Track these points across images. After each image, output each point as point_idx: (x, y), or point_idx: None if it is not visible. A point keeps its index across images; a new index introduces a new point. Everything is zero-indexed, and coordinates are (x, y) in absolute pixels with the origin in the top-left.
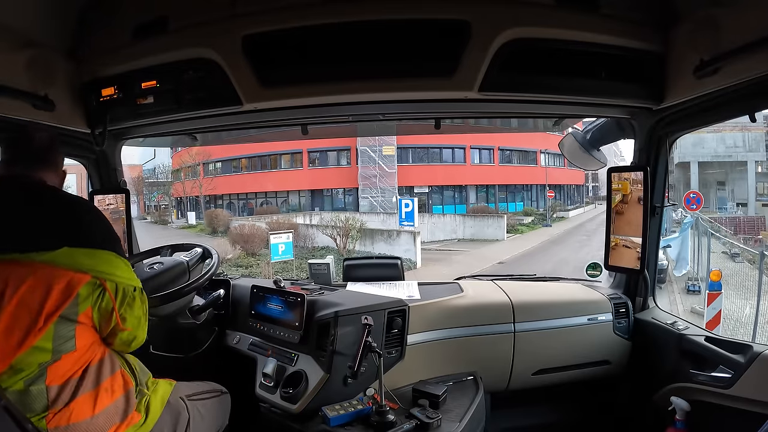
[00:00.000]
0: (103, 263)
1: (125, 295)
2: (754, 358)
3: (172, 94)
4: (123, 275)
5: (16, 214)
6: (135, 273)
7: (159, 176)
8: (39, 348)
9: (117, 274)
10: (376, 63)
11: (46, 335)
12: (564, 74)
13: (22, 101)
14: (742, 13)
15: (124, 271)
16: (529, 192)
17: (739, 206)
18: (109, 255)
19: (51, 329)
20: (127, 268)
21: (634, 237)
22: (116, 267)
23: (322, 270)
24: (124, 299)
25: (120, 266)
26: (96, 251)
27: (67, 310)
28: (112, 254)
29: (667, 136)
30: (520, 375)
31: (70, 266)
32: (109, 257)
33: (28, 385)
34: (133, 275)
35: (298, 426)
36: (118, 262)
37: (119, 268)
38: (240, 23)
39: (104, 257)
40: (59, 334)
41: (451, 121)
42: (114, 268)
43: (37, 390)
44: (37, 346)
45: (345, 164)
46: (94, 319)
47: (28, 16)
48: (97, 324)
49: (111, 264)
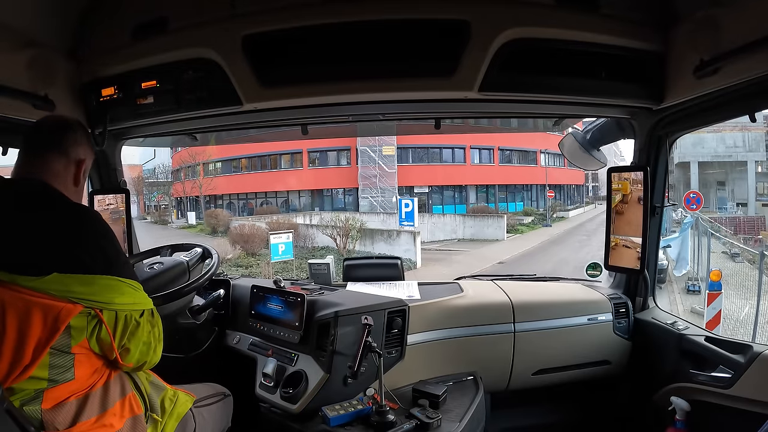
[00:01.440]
0: (101, 290)
1: (127, 323)
2: (754, 358)
3: (172, 94)
4: (125, 301)
5: (3, 222)
6: (143, 290)
7: (159, 176)
8: (34, 377)
9: (117, 302)
10: (376, 63)
11: (40, 366)
12: (564, 74)
13: (22, 101)
14: (742, 13)
15: (128, 296)
16: (529, 192)
17: (739, 206)
18: (109, 280)
19: (45, 360)
20: (132, 291)
21: (634, 237)
22: (117, 293)
23: (322, 270)
24: (125, 329)
25: (123, 291)
26: (94, 277)
27: (59, 343)
28: (114, 279)
29: (667, 136)
30: (520, 375)
31: (61, 295)
32: (109, 283)
33: (22, 405)
34: (141, 297)
35: (298, 426)
36: (121, 286)
37: (121, 293)
38: (240, 23)
39: (103, 283)
40: (55, 364)
41: (451, 121)
42: (114, 295)
43: (31, 410)
44: (32, 376)
45: (345, 164)
46: (93, 349)
47: (29, 15)
48: (99, 352)
49: (111, 290)
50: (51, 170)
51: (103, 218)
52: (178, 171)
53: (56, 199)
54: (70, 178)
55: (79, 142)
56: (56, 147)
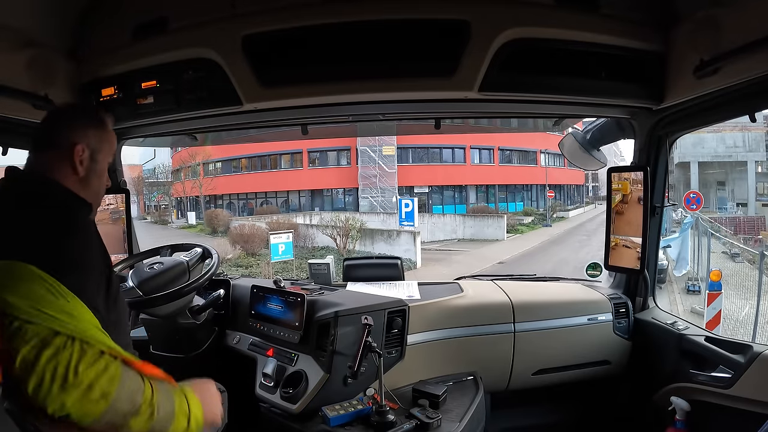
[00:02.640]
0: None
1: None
2: (754, 358)
3: (172, 94)
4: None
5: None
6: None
7: (159, 176)
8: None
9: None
10: (376, 63)
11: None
12: (564, 74)
13: (22, 101)
14: (742, 13)
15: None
16: (529, 192)
17: (739, 206)
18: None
19: None
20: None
21: (634, 237)
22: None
23: (322, 270)
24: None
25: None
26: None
27: None
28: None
29: (667, 136)
30: (520, 375)
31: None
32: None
33: None
34: (85, 319)
35: (298, 426)
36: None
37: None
38: (240, 23)
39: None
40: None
41: (451, 121)
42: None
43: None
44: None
45: (345, 164)
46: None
47: (28, 15)
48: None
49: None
50: (46, 163)
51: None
52: (178, 171)
53: (48, 196)
54: (67, 167)
55: (70, 126)
56: (45, 139)
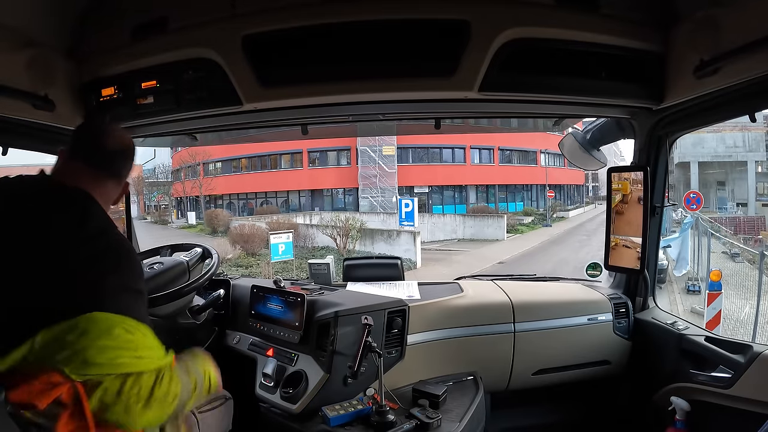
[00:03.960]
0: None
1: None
2: (754, 358)
3: (172, 94)
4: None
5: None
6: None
7: (159, 176)
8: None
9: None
10: (376, 63)
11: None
12: (564, 74)
13: (22, 101)
14: (742, 13)
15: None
16: (529, 192)
17: (739, 206)
18: (121, 325)
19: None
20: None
21: (634, 237)
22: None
23: (322, 270)
24: (130, 396)
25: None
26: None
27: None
28: (126, 322)
29: (667, 136)
30: (520, 375)
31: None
32: (119, 331)
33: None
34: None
35: (298, 426)
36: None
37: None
38: (240, 23)
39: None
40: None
41: (451, 121)
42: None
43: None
44: None
45: (345, 164)
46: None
47: (28, 15)
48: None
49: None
50: (99, 189)
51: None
52: (178, 171)
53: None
54: (114, 195)
55: (132, 162)
56: (116, 174)
